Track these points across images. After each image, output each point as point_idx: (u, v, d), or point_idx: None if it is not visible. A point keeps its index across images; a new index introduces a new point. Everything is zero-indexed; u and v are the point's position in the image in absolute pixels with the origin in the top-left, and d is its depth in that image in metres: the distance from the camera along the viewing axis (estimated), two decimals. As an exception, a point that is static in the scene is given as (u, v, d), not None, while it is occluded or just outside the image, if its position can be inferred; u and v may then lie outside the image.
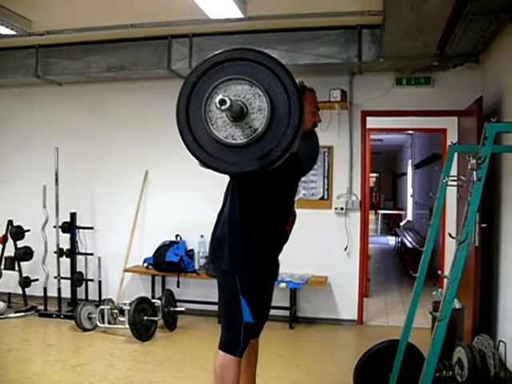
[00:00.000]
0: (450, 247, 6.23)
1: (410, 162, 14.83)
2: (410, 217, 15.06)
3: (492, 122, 2.38)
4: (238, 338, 2.91)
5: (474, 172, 2.35)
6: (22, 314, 6.26)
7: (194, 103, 2.31)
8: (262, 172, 2.36)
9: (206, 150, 2.34)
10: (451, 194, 5.40)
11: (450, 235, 2.55)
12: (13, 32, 5.58)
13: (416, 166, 12.81)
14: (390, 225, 18.16)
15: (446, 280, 2.38)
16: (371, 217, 18.57)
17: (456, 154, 4.14)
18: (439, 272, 2.90)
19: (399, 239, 12.20)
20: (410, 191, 15.32)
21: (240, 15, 5.06)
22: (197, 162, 2.52)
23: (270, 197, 2.91)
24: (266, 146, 2.26)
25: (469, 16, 4.22)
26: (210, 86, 2.26)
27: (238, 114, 2.20)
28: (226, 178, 3.04)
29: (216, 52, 2.33)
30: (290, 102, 2.24)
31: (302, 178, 6.12)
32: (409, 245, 9.96)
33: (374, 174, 23.75)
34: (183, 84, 2.36)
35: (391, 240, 15.10)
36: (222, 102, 2.05)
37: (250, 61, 2.27)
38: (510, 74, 4.54)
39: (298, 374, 4.57)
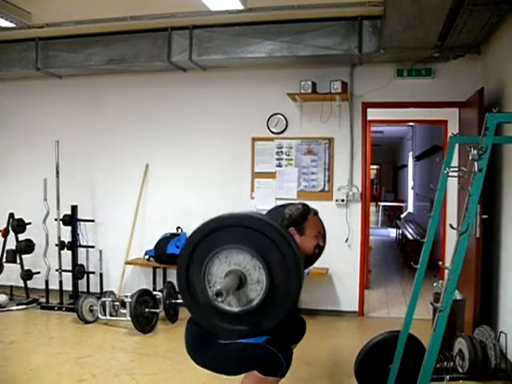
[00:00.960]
0: (451, 238, 6.24)
1: (410, 153, 14.81)
2: (410, 209, 15.06)
3: (493, 113, 2.37)
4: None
5: (475, 163, 2.33)
6: (24, 306, 6.29)
7: (197, 262, 2.34)
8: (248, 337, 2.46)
9: (200, 308, 2.39)
10: (452, 185, 5.41)
11: (451, 226, 2.54)
12: (12, 25, 5.56)
13: (417, 158, 12.80)
14: (391, 217, 18.18)
15: (446, 271, 2.38)
16: (372, 209, 18.61)
17: (457, 146, 4.14)
18: (440, 263, 2.89)
19: (400, 231, 12.21)
20: (410, 183, 15.31)
21: (240, 7, 5.03)
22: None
23: None
24: (260, 317, 2.32)
25: (470, 7, 4.20)
26: (212, 251, 2.29)
27: (236, 286, 2.24)
28: (227, 171, 3.04)
29: (225, 215, 2.38)
30: (290, 281, 2.28)
31: (302, 170, 6.20)
32: (410, 236, 9.96)
33: (375, 166, 23.75)
34: (186, 242, 2.42)
35: (392, 232, 15.11)
36: (218, 294, 2.07)
37: (258, 232, 2.30)
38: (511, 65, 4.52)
39: (298, 364, 4.54)
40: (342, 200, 6.13)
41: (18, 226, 6.49)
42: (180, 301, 5.83)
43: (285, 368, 2.69)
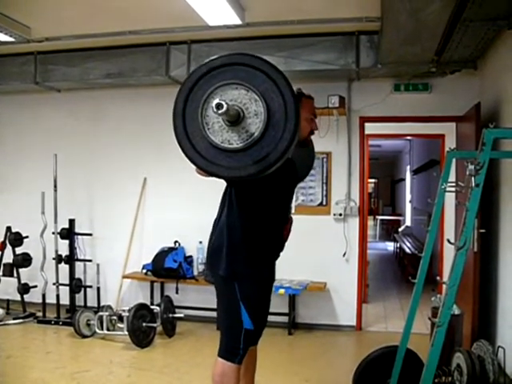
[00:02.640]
0: (449, 253, 6.22)
1: (408, 167, 14.85)
2: (408, 222, 15.06)
3: (490, 128, 2.39)
4: (238, 346, 2.90)
5: (473, 178, 2.35)
6: (21, 320, 6.25)
7: (191, 108, 2.31)
8: (258, 176, 2.36)
9: (202, 154, 2.34)
10: (449, 199, 5.42)
11: (449, 241, 2.55)
12: (11, 39, 5.58)
13: (414, 172, 12.83)
14: (389, 230, 18.16)
15: (444, 286, 2.39)
16: (370, 222, 18.61)
17: (454, 160, 4.16)
18: (438, 278, 2.90)
19: (398, 245, 12.21)
20: (408, 197, 15.33)
21: (238, 22, 5.07)
22: (194, 167, 2.53)
23: (268, 202, 2.92)
24: (263, 150, 2.26)
25: (466, 22, 4.23)
26: (207, 91, 2.27)
27: (235, 119, 2.21)
28: (225, 184, 3.05)
29: (212, 57, 2.35)
30: (287, 106, 2.25)
31: (300, 184, 6.17)
32: (407, 250, 9.96)
33: (373, 180, 23.76)
34: (180, 89, 2.36)
35: (390, 246, 15.10)
36: (219, 105, 2.05)
37: (246, 66, 2.29)
38: (508, 80, 4.55)
39: (296, 380, 4.56)
40: (340, 214, 6.14)
41: (16, 239, 6.48)
42: (177, 315, 5.82)
43: (241, 356, 2.90)
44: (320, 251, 6.15)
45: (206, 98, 2.26)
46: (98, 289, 6.54)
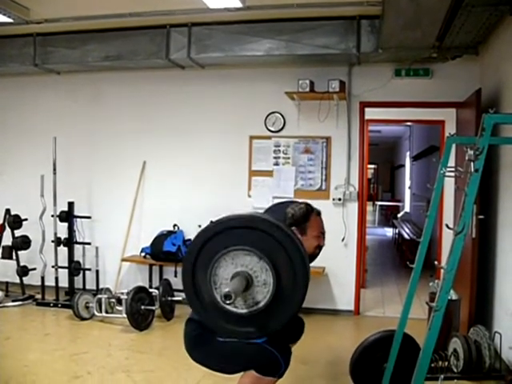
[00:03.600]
0: (448, 238, 6.23)
1: (408, 153, 14.83)
2: (407, 208, 15.09)
3: (490, 113, 2.38)
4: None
5: (472, 163, 2.34)
6: (20, 302, 6.29)
7: (201, 264, 2.31)
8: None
9: (206, 309, 2.35)
10: (449, 185, 5.43)
11: (447, 226, 2.55)
12: (10, 20, 5.56)
13: (414, 158, 12.81)
14: (388, 216, 18.19)
15: (442, 271, 2.39)
16: (369, 208, 18.63)
17: (454, 146, 4.15)
18: (436, 263, 2.90)
19: (397, 230, 12.23)
20: (407, 183, 15.33)
21: (239, 5, 5.04)
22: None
23: None
24: (265, 319, 2.30)
25: (468, 7, 4.21)
26: (219, 253, 2.26)
27: (244, 286, 2.21)
28: (224, 168, 3.05)
29: (231, 216, 2.35)
30: (296, 283, 2.27)
31: (300, 169, 6.21)
32: (406, 236, 9.99)
33: (373, 166, 23.74)
34: (192, 243, 2.38)
35: (389, 231, 15.14)
36: (227, 297, 2.03)
37: (265, 233, 2.28)
38: (509, 66, 4.53)
39: (293, 363, 4.52)
40: (339, 199, 6.14)
41: (15, 222, 6.48)
42: (176, 298, 5.85)
43: (283, 368, 2.73)
44: (319, 236, 6.14)
45: (219, 258, 2.26)
46: (97, 271, 6.56)
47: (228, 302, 2.05)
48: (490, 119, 2.37)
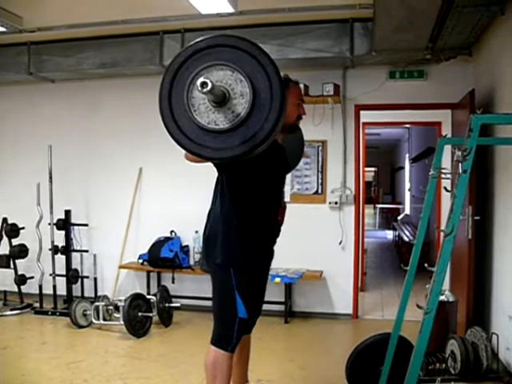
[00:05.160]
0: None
1: (407, 155, 14.82)
2: (407, 211, 15.06)
3: (477, 114, 2.37)
4: (232, 334, 2.91)
5: (460, 164, 2.34)
6: (18, 311, 6.27)
7: (177, 90, 2.31)
8: (245, 157, 2.35)
9: (189, 136, 2.32)
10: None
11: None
12: (3, 29, 5.56)
13: (413, 160, 12.80)
14: (389, 219, 18.18)
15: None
16: (370, 211, 18.63)
17: (450, 148, 4.14)
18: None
19: (397, 233, 12.21)
20: (407, 185, 15.32)
21: (231, 10, 5.03)
22: (183, 152, 2.53)
23: (260, 188, 2.93)
24: (250, 130, 2.26)
25: (459, 8, 4.21)
26: (192, 73, 2.26)
27: (221, 99, 2.21)
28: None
29: (197, 39, 2.33)
30: (272, 86, 2.25)
31: (296, 173, 6.18)
32: (406, 239, 9.97)
33: (373, 168, 23.75)
34: (165, 71, 2.35)
35: (389, 234, 15.12)
36: (204, 84, 2.05)
37: (231, 47, 2.28)
38: (502, 67, 4.53)
39: (291, 368, 4.57)
40: (336, 202, 6.12)
41: (12, 230, 6.47)
42: (174, 304, 5.83)
43: (234, 344, 2.92)
44: (316, 240, 6.14)
45: (192, 80, 2.25)
46: (95, 279, 6.56)
47: (205, 89, 2.05)
48: (478, 120, 2.37)
